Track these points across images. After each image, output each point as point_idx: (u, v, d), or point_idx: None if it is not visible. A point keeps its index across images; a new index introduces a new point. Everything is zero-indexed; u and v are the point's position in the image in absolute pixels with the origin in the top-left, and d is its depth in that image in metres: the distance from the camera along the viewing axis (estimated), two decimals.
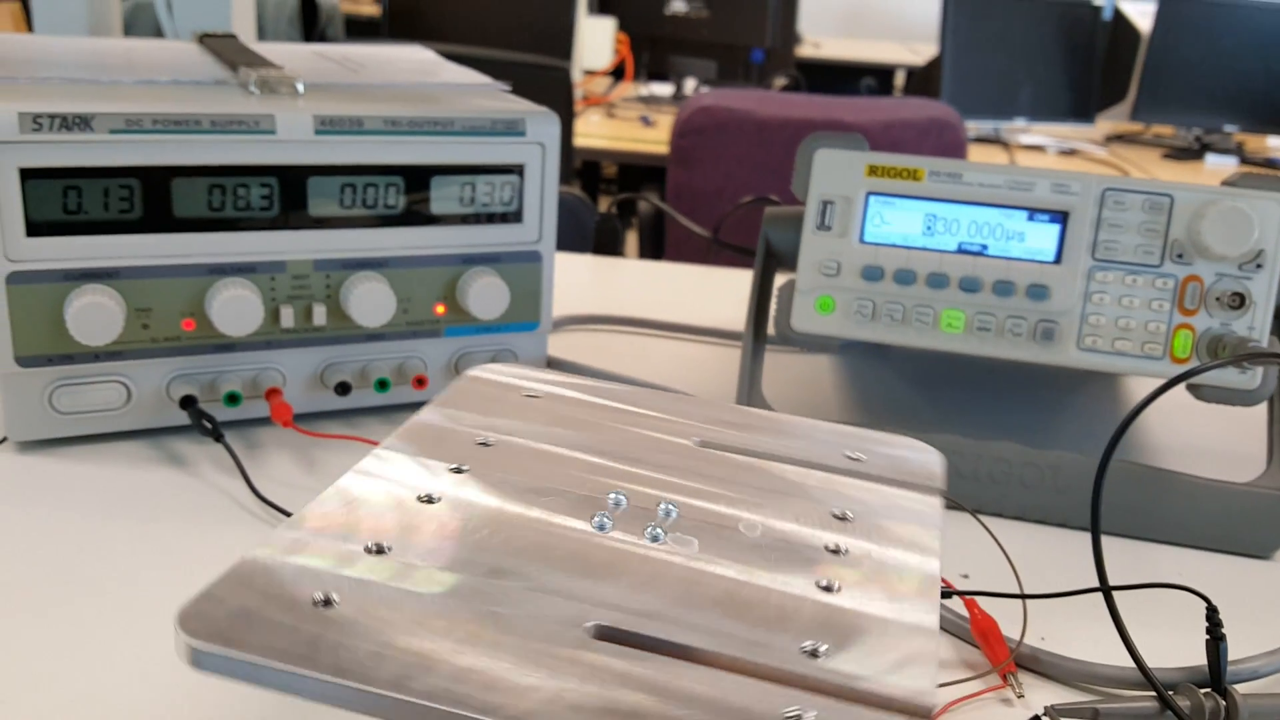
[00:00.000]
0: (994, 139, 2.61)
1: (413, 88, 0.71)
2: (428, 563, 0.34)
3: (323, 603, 0.31)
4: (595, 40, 2.85)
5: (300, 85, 0.65)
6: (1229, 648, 0.46)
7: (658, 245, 1.95)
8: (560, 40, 2.60)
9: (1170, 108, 2.62)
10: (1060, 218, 0.60)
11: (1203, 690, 0.45)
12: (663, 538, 0.37)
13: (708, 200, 1.85)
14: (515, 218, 0.67)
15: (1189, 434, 0.75)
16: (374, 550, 0.35)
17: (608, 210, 1.34)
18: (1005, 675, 0.47)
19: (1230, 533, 0.59)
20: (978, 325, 0.61)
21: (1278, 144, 2.84)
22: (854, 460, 0.44)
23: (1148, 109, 2.62)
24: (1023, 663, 0.48)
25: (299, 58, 0.77)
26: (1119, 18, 2.80)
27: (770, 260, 0.68)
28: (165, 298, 0.60)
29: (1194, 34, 2.57)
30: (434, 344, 0.68)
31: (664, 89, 2.88)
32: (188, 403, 0.62)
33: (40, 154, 0.56)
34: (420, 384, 0.67)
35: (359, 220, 0.63)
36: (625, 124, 2.45)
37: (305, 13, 2.10)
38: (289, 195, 0.61)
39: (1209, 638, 0.46)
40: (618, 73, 2.95)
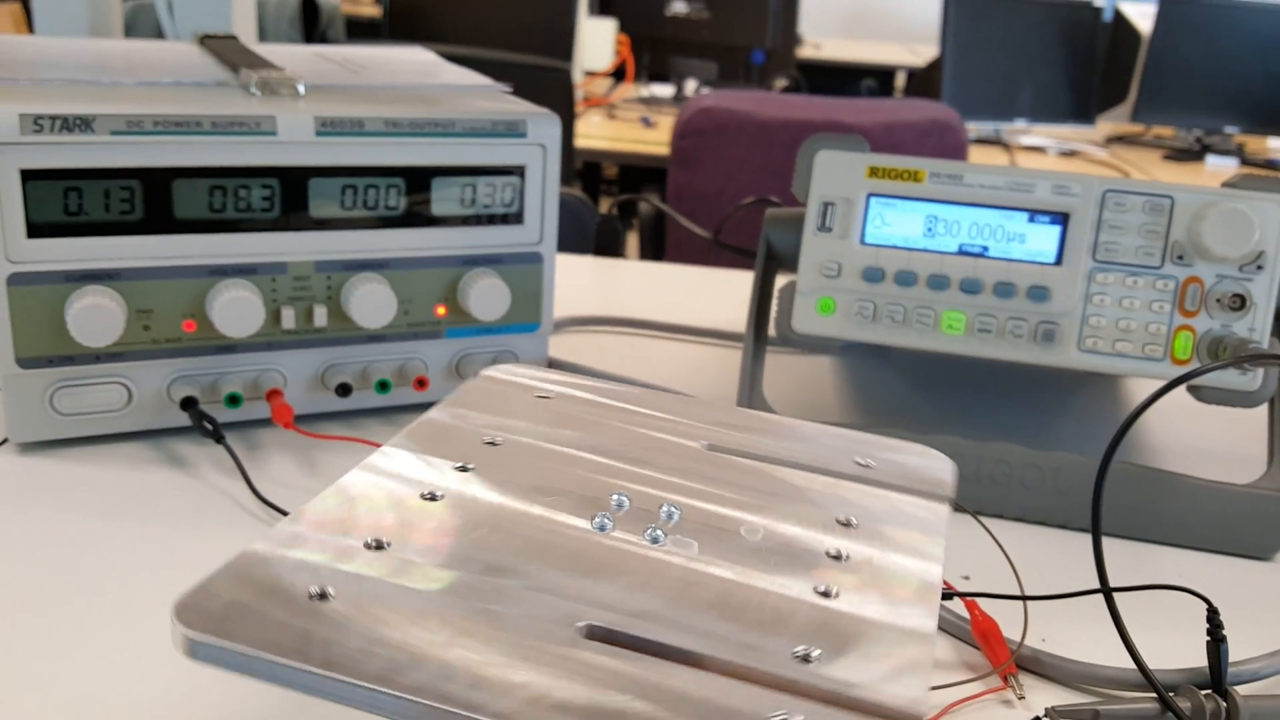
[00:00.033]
0: (994, 140, 2.61)
1: (414, 89, 0.71)
2: (425, 559, 0.34)
3: (318, 596, 0.32)
4: (596, 41, 2.85)
5: (301, 87, 0.65)
6: (1229, 649, 0.46)
7: (658, 246, 1.95)
8: (561, 41, 2.60)
9: (1171, 109, 2.62)
10: (1061, 219, 0.60)
11: (1203, 692, 0.45)
12: (663, 539, 0.37)
13: (708, 201, 1.85)
14: (516, 219, 0.67)
15: (1190, 435, 0.75)
16: (373, 546, 0.35)
17: (608, 211, 1.34)
18: (1006, 677, 0.47)
19: (1231, 534, 0.59)
20: (978, 327, 0.61)
21: (1278, 145, 2.84)
22: (863, 466, 0.44)
23: (1148, 110, 2.63)
24: (1024, 664, 0.48)
25: (300, 59, 0.77)
26: (1119, 19, 2.80)
27: (771, 262, 0.68)
28: (166, 299, 0.60)
29: (1194, 35, 2.57)
30: (435, 345, 0.68)
31: (665, 90, 2.88)
32: (189, 404, 0.62)
33: (41, 155, 0.56)
34: (421, 385, 0.67)
35: (360, 221, 0.63)
36: (626, 125, 2.45)
37: (306, 14, 2.10)
38: (290, 196, 0.61)
39: (1209, 639, 0.46)
40: (618, 74, 2.95)
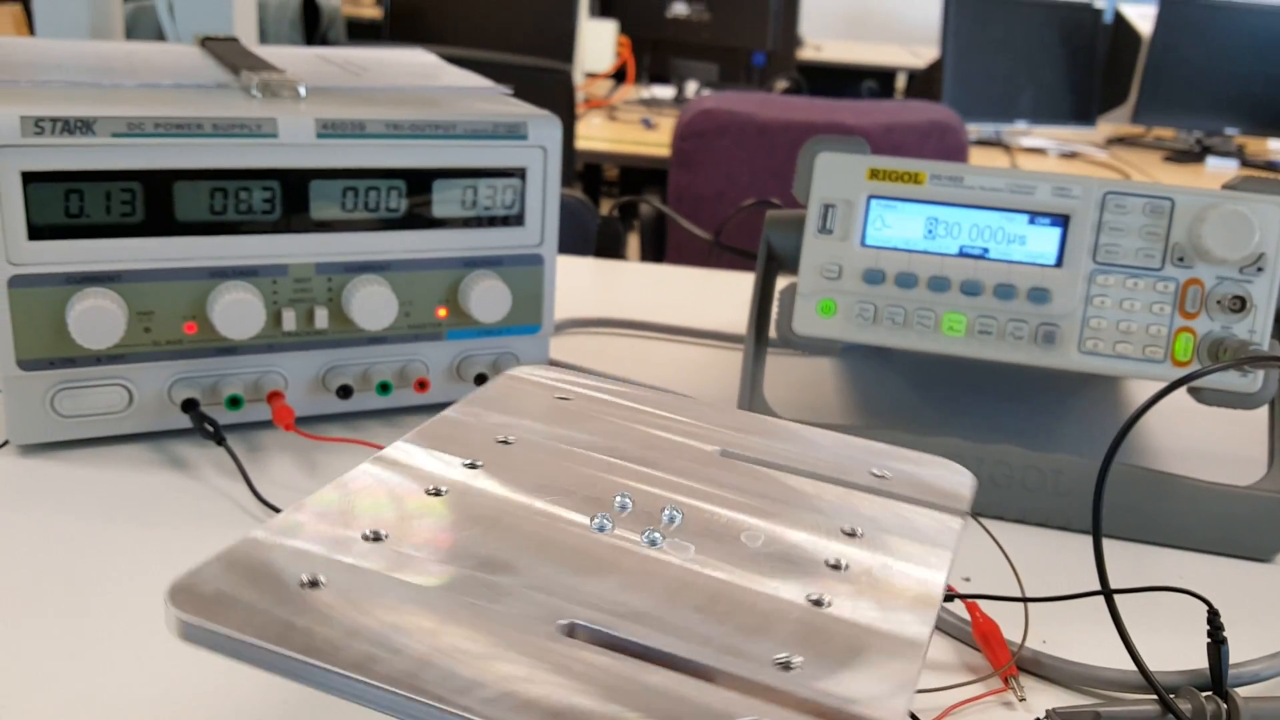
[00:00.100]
0: (995, 142, 2.61)
1: (414, 91, 0.71)
2: (421, 553, 0.35)
3: (309, 584, 0.32)
4: (597, 43, 2.85)
5: (302, 89, 0.65)
6: (1230, 651, 0.46)
7: (659, 248, 1.95)
8: (562, 43, 2.60)
9: (1171, 110, 2.62)
10: (1061, 221, 0.60)
11: (1204, 693, 0.45)
12: (660, 542, 0.37)
13: (709, 203, 1.85)
14: (517, 221, 0.67)
15: (1190, 437, 0.75)
16: (370, 538, 0.35)
17: (609, 213, 1.34)
18: (1007, 678, 0.47)
19: (1231, 536, 0.59)
20: (979, 328, 0.61)
21: (1278, 147, 2.84)
22: (878, 477, 0.43)
23: (1149, 112, 2.63)
24: (1024, 666, 0.48)
25: (301, 61, 0.77)
26: (1120, 20, 2.80)
27: (772, 263, 0.68)
28: (167, 301, 0.60)
29: (1195, 37, 2.57)
30: (436, 347, 0.68)
31: (665, 92, 2.88)
32: (189, 406, 0.62)
33: (42, 157, 0.56)
34: (422, 387, 0.67)
35: (361, 223, 0.63)
36: (627, 127, 2.46)
37: (307, 16, 2.10)
38: (291, 198, 0.61)
39: (1210, 641, 0.46)
40: (619, 75, 2.95)
